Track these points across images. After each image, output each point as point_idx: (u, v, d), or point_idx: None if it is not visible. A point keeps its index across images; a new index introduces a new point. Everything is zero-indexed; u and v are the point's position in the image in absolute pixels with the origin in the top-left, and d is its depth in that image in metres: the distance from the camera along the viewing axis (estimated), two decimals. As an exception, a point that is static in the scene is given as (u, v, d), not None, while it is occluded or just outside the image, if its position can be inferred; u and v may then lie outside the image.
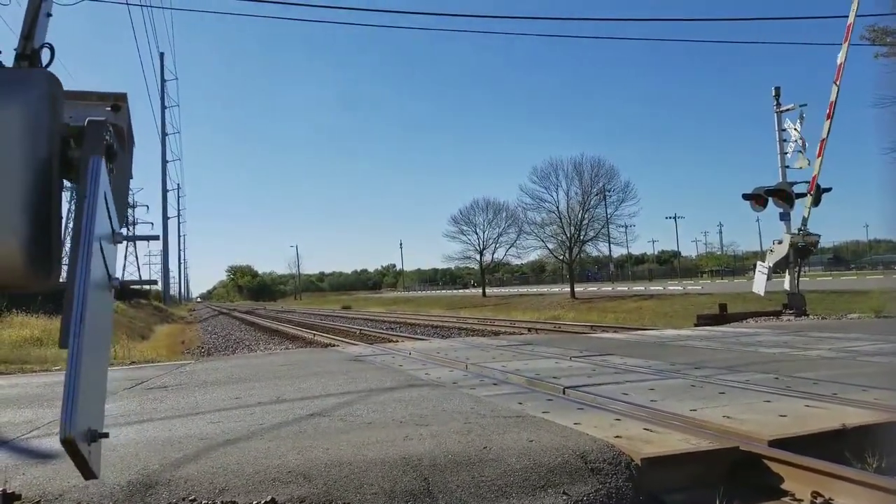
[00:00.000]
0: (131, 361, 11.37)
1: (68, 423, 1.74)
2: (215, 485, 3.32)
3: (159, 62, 64.71)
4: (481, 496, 3.26)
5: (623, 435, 4.00)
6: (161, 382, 7.56)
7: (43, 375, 9.04)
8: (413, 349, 10.89)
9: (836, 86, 15.45)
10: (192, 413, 5.39)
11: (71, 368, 1.79)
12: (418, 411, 5.01)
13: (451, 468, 3.48)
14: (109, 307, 2.32)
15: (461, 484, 3.34)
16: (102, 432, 2.05)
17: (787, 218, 16.58)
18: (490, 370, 7.57)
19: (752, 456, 3.66)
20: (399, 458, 3.61)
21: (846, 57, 15.41)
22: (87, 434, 1.89)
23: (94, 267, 1.93)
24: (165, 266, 70.77)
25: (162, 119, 64.75)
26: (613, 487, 3.40)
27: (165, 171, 65.86)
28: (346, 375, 7.47)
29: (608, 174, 49.10)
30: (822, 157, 15.72)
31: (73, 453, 1.78)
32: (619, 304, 34.43)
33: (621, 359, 8.19)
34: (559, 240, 49.26)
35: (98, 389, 2.14)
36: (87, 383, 1.86)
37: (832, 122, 15.53)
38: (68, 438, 1.73)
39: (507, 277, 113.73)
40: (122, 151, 2.44)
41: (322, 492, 3.24)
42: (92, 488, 3.30)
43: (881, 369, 6.60)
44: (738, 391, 5.54)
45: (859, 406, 4.66)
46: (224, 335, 30.96)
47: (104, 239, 2.08)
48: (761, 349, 8.82)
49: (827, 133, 15.58)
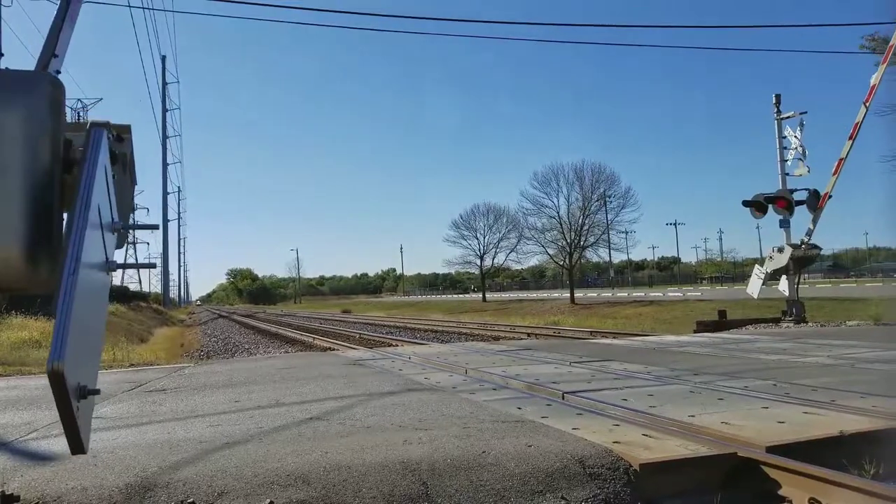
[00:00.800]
0: (130, 364, 11.39)
1: (58, 351, 1.57)
2: (214, 488, 3.33)
3: (161, 65, 64.77)
4: (480, 500, 3.27)
5: (622, 440, 4.01)
6: (160, 385, 7.56)
7: (42, 378, 9.03)
8: (413, 353, 10.89)
9: (864, 107, 15.03)
10: (190, 416, 5.40)
11: (63, 300, 1.67)
12: (417, 415, 5.01)
13: (450, 472, 3.49)
14: (107, 282, 2.27)
15: (460, 488, 3.35)
16: (94, 388, 1.87)
17: (787, 225, 16.59)
18: (489, 375, 7.57)
19: (749, 462, 3.66)
20: (398, 462, 3.62)
21: (881, 78, 14.74)
22: (78, 390, 1.73)
23: (91, 217, 1.88)
24: (165, 269, 70.84)
25: (163, 122, 64.96)
26: (612, 492, 3.40)
27: (166, 173, 66.06)
28: (346, 379, 7.47)
29: (609, 180, 49.22)
30: (837, 176, 15.51)
31: (60, 396, 1.60)
32: (618, 310, 34.43)
33: (620, 364, 8.19)
34: (559, 245, 49.34)
35: (92, 345, 1.99)
36: (79, 329, 1.74)
37: (853, 143, 15.08)
38: (56, 369, 1.56)
39: (508, 282, 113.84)
40: (125, 173, 2.45)
41: (320, 495, 3.25)
42: (91, 491, 3.30)
43: (880, 377, 6.60)
44: (736, 397, 5.54)
45: (857, 413, 4.66)
46: (223, 338, 30.96)
47: (102, 207, 2.06)
48: (760, 356, 8.82)
49: (847, 153, 15.21)
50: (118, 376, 8.86)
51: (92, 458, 3.93)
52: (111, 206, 2.20)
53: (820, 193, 16.24)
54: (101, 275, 2.10)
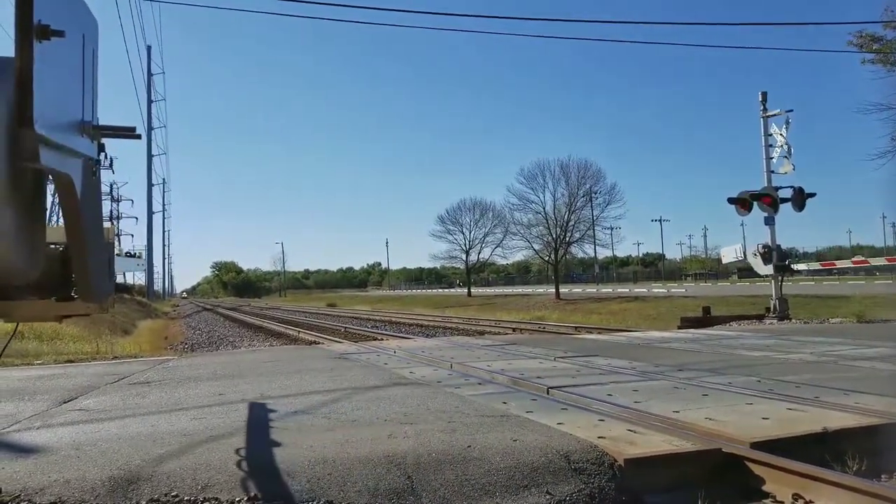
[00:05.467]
0: (114, 356, 11.31)
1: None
2: (198, 481, 3.30)
3: (146, 55, 64.19)
4: (465, 495, 3.26)
5: (606, 435, 4.02)
6: (144, 378, 7.51)
7: (24, 369, 8.96)
8: (398, 348, 10.88)
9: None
10: (174, 409, 5.37)
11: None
12: (403, 410, 5.00)
13: (435, 467, 3.48)
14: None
15: (445, 482, 3.34)
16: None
17: (771, 223, 16.68)
18: (475, 370, 7.57)
19: (734, 458, 3.68)
20: (383, 456, 3.61)
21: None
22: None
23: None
24: (149, 260, 70.37)
25: (148, 113, 64.37)
26: (596, 488, 3.41)
27: (151, 165, 65.48)
28: (331, 373, 7.45)
29: (595, 176, 49.12)
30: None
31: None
32: (603, 306, 34.52)
33: (605, 360, 8.22)
34: (545, 241, 49.25)
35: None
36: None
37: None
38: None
39: (493, 277, 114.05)
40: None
41: (305, 489, 3.24)
42: (73, 483, 3.27)
43: (863, 374, 6.66)
44: (720, 393, 5.57)
45: (841, 409, 4.70)
46: (208, 331, 30.81)
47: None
48: (744, 352, 8.87)
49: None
50: (101, 368, 8.79)
51: (75, 450, 3.90)
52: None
53: (805, 191, 16.36)
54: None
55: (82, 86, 2.26)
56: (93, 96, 2.42)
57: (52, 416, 5.22)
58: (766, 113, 17.27)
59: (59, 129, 1.97)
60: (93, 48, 2.40)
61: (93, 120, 2.41)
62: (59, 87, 2.02)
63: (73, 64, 2.18)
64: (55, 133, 1.91)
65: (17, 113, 1.75)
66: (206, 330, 31.97)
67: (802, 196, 16.39)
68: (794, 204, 16.41)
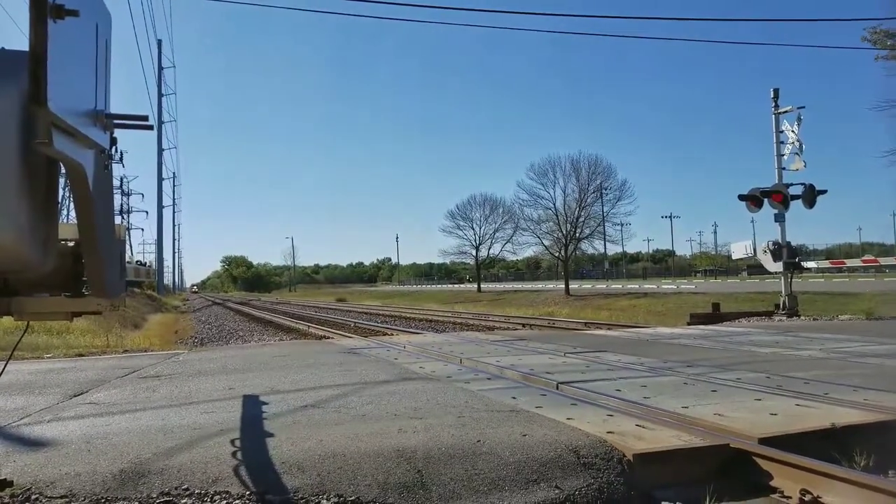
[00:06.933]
0: (124, 350, 11.36)
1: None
2: (208, 474, 3.33)
3: (157, 49, 64.24)
4: (474, 489, 3.28)
5: (615, 431, 4.02)
6: (154, 371, 7.56)
7: (35, 363, 9.02)
8: (408, 343, 10.90)
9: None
10: (185, 402, 5.40)
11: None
12: (413, 404, 5.02)
13: (445, 461, 3.50)
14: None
15: (455, 476, 3.35)
16: None
17: (782, 219, 16.60)
18: (484, 365, 7.58)
19: (742, 453, 3.68)
20: (393, 450, 3.63)
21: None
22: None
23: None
24: (160, 255, 70.64)
25: (158, 107, 64.35)
26: (605, 482, 3.42)
27: (161, 159, 65.54)
28: (341, 368, 7.47)
29: (605, 172, 48.99)
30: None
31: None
32: (613, 302, 34.44)
33: (615, 356, 8.21)
34: (555, 237, 49.18)
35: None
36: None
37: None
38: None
39: (503, 273, 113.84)
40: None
41: (315, 483, 3.25)
42: (84, 476, 3.30)
43: (872, 370, 6.63)
44: (729, 389, 5.56)
45: (849, 406, 4.69)
46: (218, 325, 30.90)
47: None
48: (753, 348, 8.85)
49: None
50: (112, 362, 8.85)
51: (85, 443, 3.93)
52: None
53: (816, 188, 16.28)
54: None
55: (95, 75, 2.27)
56: (105, 87, 2.43)
57: (63, 409, 5.26)
58: (778, 110, 17.19)
59: (72, 113, 1.96)
60: (106, 39, 2.41)
61: (105, 110, 2.42)
62: (73, 73, 2.01)
63: (87, 52, 2.18)
64: (68, 117, 1.90)
65: (32, 91, 1.73)
66: (216, 324, 32.08)
67: (813, 193, 16.30)
68: (804, 201, 16.33)
